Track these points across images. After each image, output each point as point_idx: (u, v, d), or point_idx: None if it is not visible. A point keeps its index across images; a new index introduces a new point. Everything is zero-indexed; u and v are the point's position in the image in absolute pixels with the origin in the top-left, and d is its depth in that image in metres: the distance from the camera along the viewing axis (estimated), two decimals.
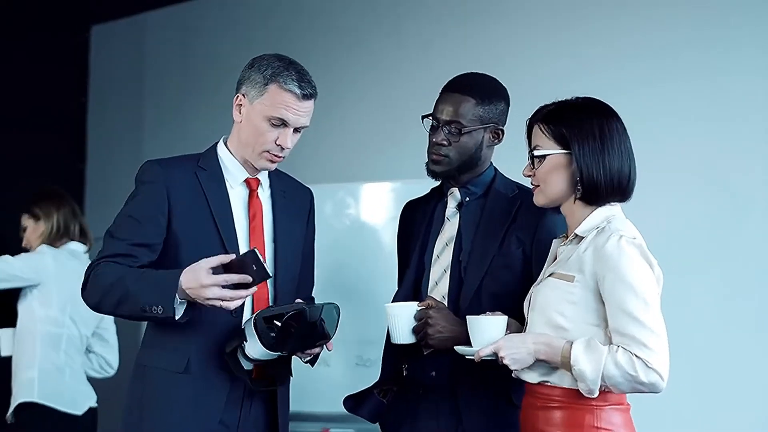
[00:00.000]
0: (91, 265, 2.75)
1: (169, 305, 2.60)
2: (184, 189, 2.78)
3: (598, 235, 2.57)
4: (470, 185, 2.95)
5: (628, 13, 4.55)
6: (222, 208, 2.80)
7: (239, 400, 2.78)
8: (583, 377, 2.48)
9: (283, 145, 2.78)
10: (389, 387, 2.97)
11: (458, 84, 2.93)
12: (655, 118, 4.30)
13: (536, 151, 2.65)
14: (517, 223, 2.87)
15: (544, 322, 2.58)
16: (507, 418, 2.82)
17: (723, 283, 4.19)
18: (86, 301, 2.76)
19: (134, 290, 2.64)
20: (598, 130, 2.59)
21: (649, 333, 2.47)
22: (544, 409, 2.57)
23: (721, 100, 4.27)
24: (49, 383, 4.21)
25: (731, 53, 4.27)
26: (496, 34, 4.89)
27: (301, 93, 2.76)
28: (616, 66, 4.47)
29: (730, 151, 4.23)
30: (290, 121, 2.77)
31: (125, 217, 2.77)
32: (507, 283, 2.84)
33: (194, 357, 2.74)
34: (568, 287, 2.55)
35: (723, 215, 4.22)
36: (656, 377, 2.46)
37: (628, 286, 2.48)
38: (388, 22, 5.32)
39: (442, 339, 2.77)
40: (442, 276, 2.92)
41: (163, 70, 6.22)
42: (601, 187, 2.58)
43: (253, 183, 2.88)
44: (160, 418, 2.73)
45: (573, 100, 2.67)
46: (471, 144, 2.90)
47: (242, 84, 2.81)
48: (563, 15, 4.74)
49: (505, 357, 2.53)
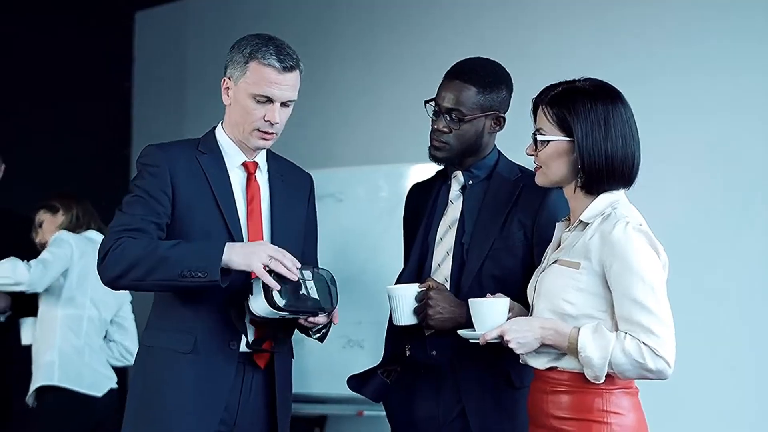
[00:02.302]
0: (110, 239, 2.71)
1: (215, 269, 2.60)
2: (185, 172, 2.80)
3: (603, 221, 2.54)
4: (473, 168, 2.96)
5: (636, 6, 4.53)
6: (224, 189, 2.82)
7: (240, 383, 2.79)
8: (590, 364, 2.47)
9: (271, 120, 2.79)
10: (393, 367, 2.99)
11: (460, 70, 2.92)
12: (664, 112, 4.30)
13: (539, 136, 2.62)
14: (519, 207, 2.88)
15: (549, 309, 2.57)
16: (506, 398, 2.85)
17: (725, 279, 4.20)
18: (104, 274, 2.72)
19: (173, 256, 2.63)
20: (603, 117, 2.55)
21: (657, 320, 2.45)
22: (553, 393, 2.56)
23: (726, 94, 4.26)
24: (69, 366, 4.25)
25: (738, 47, 4.25)
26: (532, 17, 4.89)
27: (281, 66, 2.78)
28: (620, 59, 4.47)
29: (738, 145, 4.21)
30: (274, 96, 2.78)
31: (133, 196, 2.77)
32: (508, 265, 2.85)
33: (201, 337, 2.74)
34: (573, 274, 2.53)
35: (731, 209, 4.21)
36: (663, 364, 2.45)
37: (635, 273, 2.46)
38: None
39: (443, 320, 2.79)
40: (444, 258, 2.93)
41: (205, 55, 6.26)
42: (604, 176, 2.56)
43: (251, 166, 2.89)
44: (166, 399, 2.73)
45: (579, 82, 2.63)
46: (472, 132, 2.90)
47: (227, 67, 2.84)
48: (568, 8, 4.74)
49: (510, 341, 2.52)
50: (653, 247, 2.50)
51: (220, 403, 2.75)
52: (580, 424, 2.51)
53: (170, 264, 2.63)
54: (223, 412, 2.76)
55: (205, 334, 2.75)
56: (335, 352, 4.60)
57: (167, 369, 2.76)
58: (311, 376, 4.73)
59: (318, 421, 5.03)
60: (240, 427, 2.80)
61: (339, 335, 4.63)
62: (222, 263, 2.61)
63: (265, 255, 2.62)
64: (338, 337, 4.63)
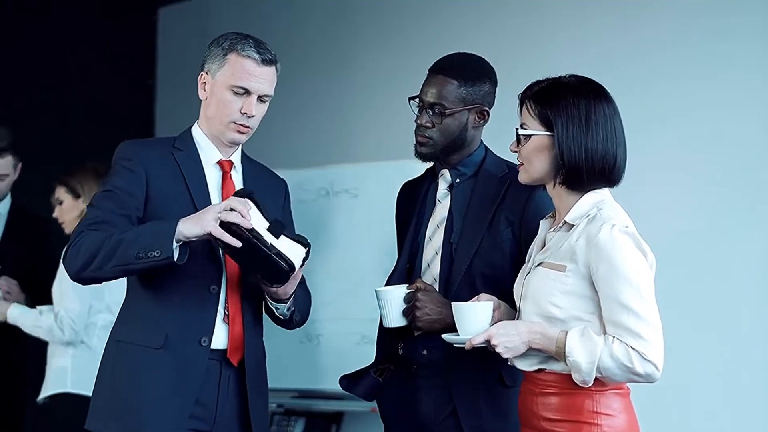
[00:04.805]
0: (74, 234, 2.74)
1: (168, 246, 2.60)
2: (161, 167, 2.81)
3: (589, 223, 2.52)
4: (460, 166, 2.95)
5: (633, 10, 4.51)
6: (199, 186, 2.83)
7: (216, 377, 2.79)
8: (578, 368, 2.45)
9: (248, 112, 2.80)
10: (386, 366, 2.99)
11: (442, 65, 2.94)
12: (660, 116, 4.28)
13: (521, 130, 2.61)
14: (506, 204, 2.87)
15: (536, 312, 2.55)
16: (498, 397, 2.85)
17: (720, 285, 4.16)
18: (68, 269, 2.75)
19: (127, 239, 2.63)
20: (584, 113, 2.53)
21: (644, 324, 2.43)
22: (542, 395, 2.54)
23: (722, 97, 4.21)
24: (81, 372, 4.21)
25: (734, 48, 4.20)
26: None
27: (260, 58, 2.80)
28: (617, 64, 4.42)
29: (735, 149, 4.18)
30: (252, 88, 2.80)
31: (104, 191, 2.79)
32: (497, 263, 2.85)
33: (171, 333, 2.75)
34: (560, 277, 2.51)
35: (728, 214, 4.18)
36: (652, 368, 2.43)
37: (622, 276, 2.44)
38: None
39: (430, 321, 2.80)
40: (434, 257, 2.93)
41: None
42: (584, 172, 2.53)
43: (227, 165, 2.90)
44: (136, 395, 2.74)
45: (565, 78, 2.61)
46: (455, 126, 2.90)
47: (204, 62, 2.86)
48: (564, 12, 4.72)
49: (497, 345, 2.50)
50: (640, 249, 2.48)
51: (189, 398, 2.74)
52: (571, 426, 2.49)
53: (125, 247, 2.63)
54: (201, 409, 2.76)
55: (175, 330, 2.75)
56: (350, 349, 4.61)
57: (137, 364, 2.76)
58: (327, 374, 4.74)
59: (335, 418, 5.04)
60: (219, 425, 2.80)
61: (353, 332, 4.65)
62: (176, 237, 2.60)
63: (214, 213, 2.59)
64: (352, 334, 4.65)
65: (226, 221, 2.57)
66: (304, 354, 4.84)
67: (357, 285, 4.66)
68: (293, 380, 4.86)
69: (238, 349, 2.82)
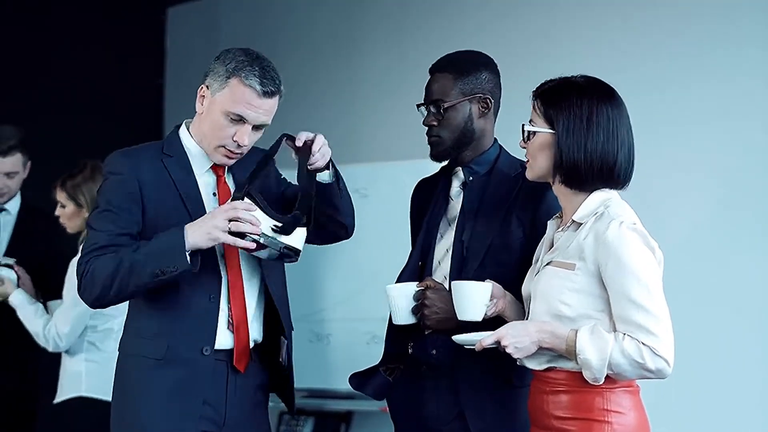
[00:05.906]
0: (82, 263, 2.74)
1: (183, 260, 2.61)
2: (152, 177, 2.77)
3: (597, 221, 2.52)
4: (474, 164, 2.95)
5: (640, 15, 4.51)
6: (192, 193, 2.80)
7: (224, 378, 2.79)
8: (589, 366, 2.45)
9: (240, 142, 2.74)
10: (396, 365, 2.99)
11: (436, 64, 2.98)
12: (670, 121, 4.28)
13: (527, 127, 2.63)
14: (518, 203, 2.87)
15: (546, 311, 2.55)
16: (506, 398, 2.84)
17: (728, 283, 4.16)
18: (85, 299, 2.76)
19: (140, 261, 2.64)
20: (587, 113, 2.54)
21: (654, 319, 2.43)
22: (553, 393, 2.55)
23: (733, 99, 4.21)
24: (96, 376, 4.19)
25: (742, 54, 4.20)
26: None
27: (261, 90, 2.71)
28: (625, 68, 4.40)
29: (742, 153, 4.18)
30: (248, 118, 2.73)
31: (102, 211, 2.77)
32: (507, 263, 2.84)
33: (173, 343, 2.74)
34: (569, 275, 2.52)
35: (736, 214, 4.18)
36: (663, 364, 2.43)
37: (630, 273, 2.45)
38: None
39: (439, 320, 2.80)
40: (444, 256, 2.93)
41: None
42: (582, 172, 2.54)
43: (220, 169, 2.86)
44: (141, 407, 2.75)
45: (574, 79, 2.62)
46: (459, 118, 2.91)
47: (207, 75, 2.79)
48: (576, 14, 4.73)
49: (508, 345, 2.50)
50: (648, 246, 2.49)
51: (195, 410, 2.75)
52: (581, 424, 2.50)
53: (140, 268, 2.64)
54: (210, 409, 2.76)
55: (176, 340, 2.75)
56: (360, 349, 4.61)
57: (141, 376, 2.77)
58: (337, 373, 4.75)
59: (344, 417, 5.04)
60: (229, 426, 2.81)
61: (364, 331, 4.64)
62: (187, 249, 2.62)
63: (220, 221, 2.61)
64: (363, 334, 4.65)
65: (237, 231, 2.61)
66: (314, 353, 4.84)
67: (367, 285, 4.66)
68: (303, 379, 4.81)
69: (245, 355, 2.82)
